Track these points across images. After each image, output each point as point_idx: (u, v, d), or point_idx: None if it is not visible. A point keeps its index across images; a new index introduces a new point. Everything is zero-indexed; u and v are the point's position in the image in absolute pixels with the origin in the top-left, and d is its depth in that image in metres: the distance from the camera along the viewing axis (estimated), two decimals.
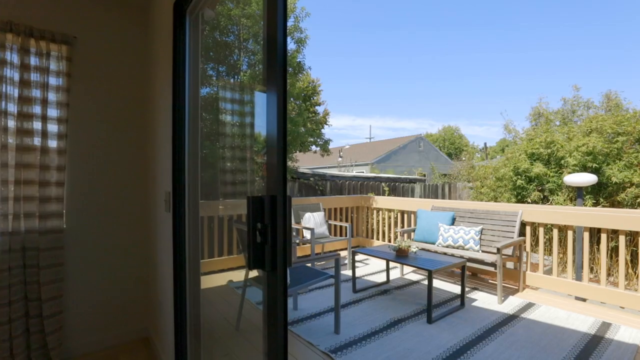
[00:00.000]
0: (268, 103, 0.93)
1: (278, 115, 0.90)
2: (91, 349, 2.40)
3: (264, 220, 0.89)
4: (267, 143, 0.93)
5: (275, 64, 0.90)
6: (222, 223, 4.49)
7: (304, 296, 3.47)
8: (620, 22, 48.21)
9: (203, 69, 2.12)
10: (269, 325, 0.91)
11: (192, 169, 1.84)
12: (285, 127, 0.91)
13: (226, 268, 4.56)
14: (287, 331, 0.90)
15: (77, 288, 2.38)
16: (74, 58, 2.38)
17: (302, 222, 4.68)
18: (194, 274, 1.86)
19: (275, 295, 0.89)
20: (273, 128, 0.90)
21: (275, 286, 0.88)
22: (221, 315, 3.04)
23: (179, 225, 1.84)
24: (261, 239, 0.89)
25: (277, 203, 0.87)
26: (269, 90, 0.93)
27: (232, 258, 4.58)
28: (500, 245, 3.28)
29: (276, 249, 0.87)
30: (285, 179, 0.89)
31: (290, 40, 5.59)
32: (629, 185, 5.65)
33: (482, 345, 2.47)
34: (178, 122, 1.85)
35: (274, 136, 0.89)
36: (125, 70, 2.61)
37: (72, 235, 2.37)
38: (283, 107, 0.91)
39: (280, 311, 0.88)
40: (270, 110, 0.92)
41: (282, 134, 0.89)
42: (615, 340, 2.55)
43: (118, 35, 2.58)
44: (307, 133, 7.73)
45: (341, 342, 2.51)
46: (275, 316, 0.89)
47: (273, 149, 0.89)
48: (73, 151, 2.39)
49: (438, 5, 59.28)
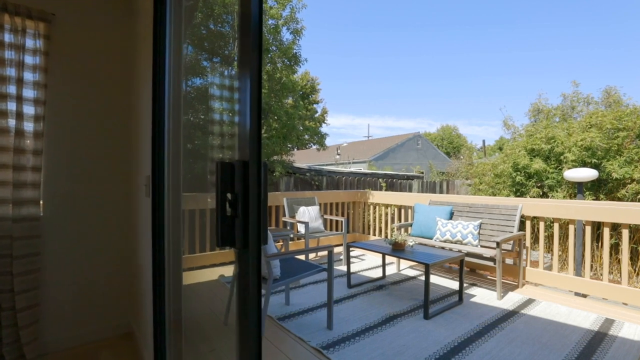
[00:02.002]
0: (240, 64, 0.81)
1: (252, 72, 0.78)
2: (70, 344, 2.27)
3: (235, 190, 0.77)
4: (240, 102, 0.80)
5: (249, 32, 0.78)
6: (214, 216, 4.36)
7: (297, 291, 3.35)
8: (619, 22, 48.25)
9: (195, 58, 1.99)
10: (240, 314, 0.79)
11: (174, 152, 1.71)
12: (260, 84, 0.79)
13: (218, 263, 4.44)
14: (262, 321, 0.78)
15: (55, 279, 2.25)
16: (52, 36, 2.25)
17: (297, 216, 4.56)
18: (175, 265, 1.74)
19: (246, 278, 0.77)
20: (246, 85, 0.78)
21: (247, 267, 0.76)
22: (210, 310, 2.92)
23: (158, 211, 1.71)
24: (231, 212, 0.77)
25: (250, 170, 0.75)
26: (242, 54, 0.80)
27: (224, 252, 4.46)
28: (499, 240, 3.17)
29: (248, 223, 0.75)
30: (259, 142, 0.77)
31: (286, 30, 5.47)
32: (630, 181, 5.56)
33: (481, 341, 2.36)
34: (158, 102, 1.72)
35: (246, 93, 0.77)
36: (109, 51, 2.48)
37: (50, 223, 2.25)
38: (258, 67, 0.79)
39: (252, 296, 0.76)
40: (243, 69, 0.80)
41: (256, 91, 0.77)
42: (619, 337, 2.44)
43: (101, 16, 2.45)
44: (305, 131, 7.61)
45: (333, 338, 2.39)
46: (246, 302, 0.77)
47: (245, 107, 0.77)
48: (51, 134, 2.26)
49: (438, 6, 59.14)
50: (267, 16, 5.12)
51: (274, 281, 2.31)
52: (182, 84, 1.75)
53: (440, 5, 61.27)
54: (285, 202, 4.69)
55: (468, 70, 69.69)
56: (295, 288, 3.43)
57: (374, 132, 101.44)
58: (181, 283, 1.81)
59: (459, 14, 60.56)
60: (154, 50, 1.76)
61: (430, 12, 62.89)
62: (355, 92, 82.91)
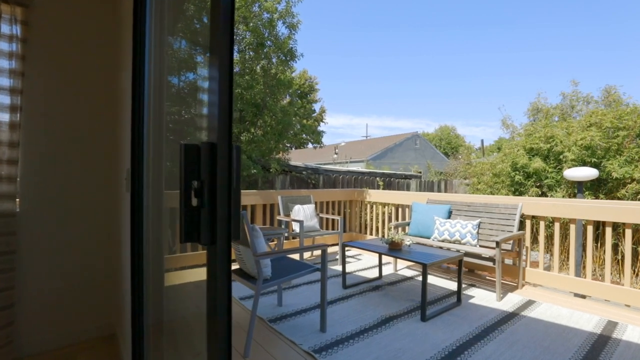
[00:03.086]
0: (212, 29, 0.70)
1: (222, 44, 0.67)
2: (47, 347, 2.15)
3: (201, 177, 0.66)
4: (210, 79, 0.70)
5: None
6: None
7: (290, 291, 3.24)
8: (619, 23, 48.39)
9: (178, 45, 1.87)
10: (208, 318, 0.69)
11: (155, 145, 1.60)
12: (231, 57, 0.68)
13: None
14: (231, 327, 0.67)
15: (32, 279, 2.13)
16: (31, 22, 2.13)
17: (292, 215, 4.45)
18: (156, 265, 1.62)
19: (214, 281, 0.66)
20: (215, 58, 0.67)
21: (214, 267, 0.66)
22: (200, 312, 2.80)
23: (138, 208, 1.60)
24: (197, 202, 0.66)
25: (219, 153, 0.64)
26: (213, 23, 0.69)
27: None
28: (499, 239, 3.08)
29: (216, 214, 0.64)
30: (230, 122, 0.66)
31: (281, 24, 5.34)
32: (630, 181, 5.49)
33: (481, 345, 2.26)
34: (138, 90, 1.61)
35: (215, 68, 0.66)
36: (92, 38, 2.36)
37: (27, 220, 2.13)
38: (229, 39, 0.68)
39: (221, 300, 0.65)
40: (214, 40, 0.69)
41: (226, 65, 0.66)
42: (623, 340, 2.35)
43: (84, 1, 2.33)
44: (302, 129, 7.50)
45: (327, 341, 2.29)
46: (215, 306, 0.66)
47: (214, 83, 0.66)
48: (29, 126, 2.14)
49: (438, 6, 59.12)
50: (261, 9, 5.01)
51: (264, 281, 2.21)
52: (165, 73, 1.64)
53: (440, 5, 61.25)
54: (280, 200, 4.58)
55: (467, 70, 69.77)
56: (288, 288, 3.32)
57: (372, 132, 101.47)
58: (163, 284, 1.70)
59: (459, 14, 60.57)
60: (134, 36, 1.65)
61: (430, 12, 62.86)
62: (354, 92, 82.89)
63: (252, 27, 5.03)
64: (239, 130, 5.28)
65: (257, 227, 2.23)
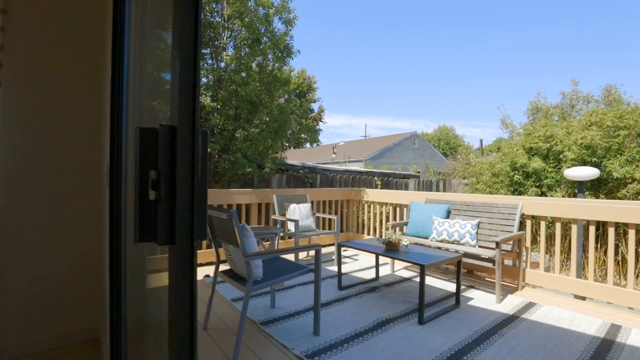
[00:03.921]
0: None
1: (184, 11, 0.57)
2: (26, 351, 2.05)
3: (158, 166, 0.56)
4: (171, 49, 0.60)
5: None
6: None
7: (284, 293, 3.15)
8: (619, 23, 48.44)
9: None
10: (170, 325, 0.59)
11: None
12: (196, 30, 0.59)
13: (204, 262, 4.23)
14: (194, 339, 0.58)
15: (9, 279, 2.03)
16: (9, 10, 2.03)
17: (287, 214, 4.36)
18: (139, 265, 1.53)
19: (176, 288, 0.56)
20: (177, 28, 0.58)
21: (174, 270, 0.56)
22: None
23: (117, 205, 1.50)
24: (155, 195, 0.56)
25: (179, 138, 0.55)
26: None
27: (206, 252, 4.25)
28: (499, 239, 2.99)
29: (175, 209, 0.55)
30: (195, 102, 0.57)
31: (277, 20, 5.24)
32: (631, 181, 5.41)
33: (480, 349, 2.17)
34: (117, 79, 1.51)
35: (176, 37, 0.57)
36: (76, 27, 2.25)
37: (6, 216, 2.02)
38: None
39: (183, 306, 0.56)
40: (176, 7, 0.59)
41: (189, 34, 0.57)
42: (628, 345, 2.26)
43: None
44: (300, 128, 7.39)
45: (320, 345, 2.19)
46: (176, 313, 0.57)
47: (175, 53, 0.57)
48: (8, 119, 2.03)
49: (437, 6, 59.10)
50: (257, 4, 4.90)
51: (255, 283, 2.11)
52: (144, 66, 1.54)
53: (440, 5, 61.22)
54: (275, 199, 4.48)
55: (466, 71, 69.78)
56: (282, 290, 3.23)
57: (371, 132, 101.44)
58: (145, 285, 1.60)
59: (459, 14, 60.56)
60: (114, 24, 1.56)
61: (430, 12, 62.82)
62: (353, 92, 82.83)
63: (248, 22, 4.93)
64: (234, 128, 5.17)
65: (247, 226, 2.14)
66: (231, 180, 5.59)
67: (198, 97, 0.59)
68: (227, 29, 5.14)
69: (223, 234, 2.27)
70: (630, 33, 47.58)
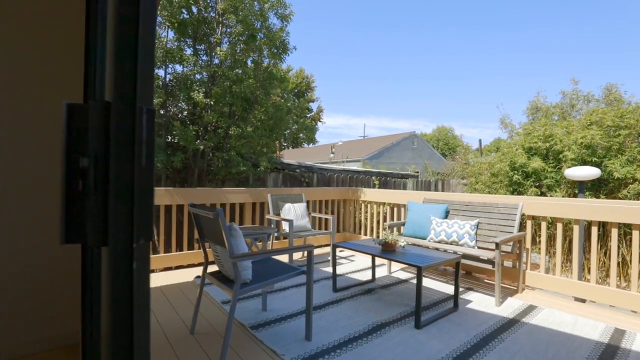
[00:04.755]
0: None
1: None
2: (1, 358, 1.94)
3: (89, 152, 0.46)
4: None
5: None
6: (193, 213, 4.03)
7: (276, 295, 3.05)
8: (618, 23, 48.52)
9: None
10: (110, 337, 0.49)
11: None
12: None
13: (197, 263, 4.13)
14: (134, 347, 0.48)
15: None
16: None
17: (282, 214, 4.25)
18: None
19: (111, 293, 0.46)
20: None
21: (110, 276, 0.46)
22: (177, 317, 2.60)
23: None
24: (83, 187, 0.46)
25: (112, 116, 0.45)
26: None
27: (199, 252, 4.14)
28: (499, 240, 2.89)
29: (108, 203, 0.45)
30: (136, 74, 0.47)
31: (273, 15, 5.13)
32: (632, 181, 5.33)
33: (480, 355, 2.07)
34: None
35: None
36: (63, 6, 2.14)
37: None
38: None
39: (122, 317, 0.46)
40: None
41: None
42: (633, 350, 2.17)
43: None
44: (298, 128, 7.28)
45: (312, 351, 2.09)
46: (115, 326, 0.46)
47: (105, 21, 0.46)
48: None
49: (437, 6, 59.12)
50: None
51: (243, 286, 2.01)
52: None
53: (439, 5, 61.23)
54: (270, 198, 4.38)
55: (465, 71, 69.85)
56: (274, 292, 3.12)
57: (369, 132, 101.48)
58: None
59: (459, 14, 60.58)
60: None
61: (429, 12, 62.84)
62: (352, 92, 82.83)
63: (242, 17, 4.82)
64: (228, 125, 5.06)
65: (235, 225, 2.03)
66: (225, 179, 5.48)
67: (150, 63, 0.48)
68: (221, 24, 5.02)
69: (210, 234, 2.17)
70: (630, 33, 47.68)
